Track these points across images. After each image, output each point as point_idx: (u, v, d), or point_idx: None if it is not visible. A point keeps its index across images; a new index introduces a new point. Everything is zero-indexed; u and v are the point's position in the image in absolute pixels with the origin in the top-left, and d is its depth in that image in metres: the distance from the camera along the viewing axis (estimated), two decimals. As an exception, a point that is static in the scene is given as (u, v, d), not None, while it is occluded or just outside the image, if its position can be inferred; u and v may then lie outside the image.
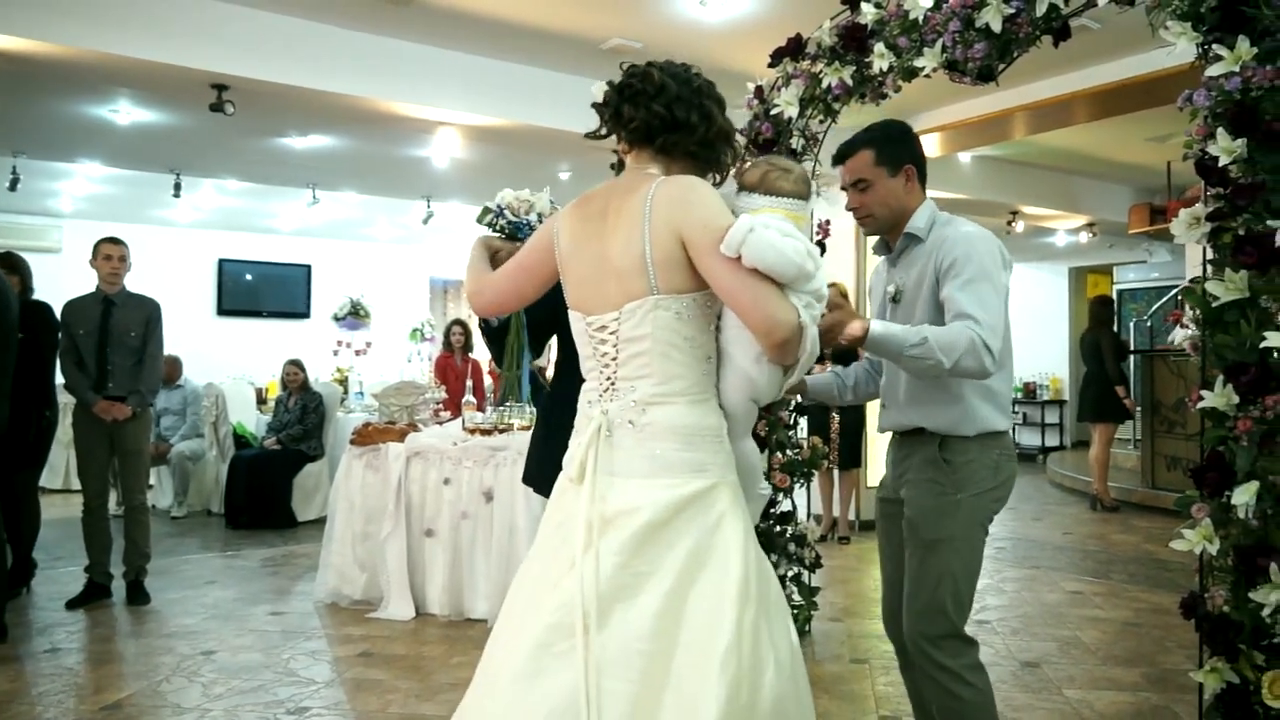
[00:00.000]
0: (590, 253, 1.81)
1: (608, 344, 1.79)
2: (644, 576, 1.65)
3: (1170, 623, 4.43)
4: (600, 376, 1.82)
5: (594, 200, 1.86)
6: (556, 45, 5.90)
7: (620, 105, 1.87)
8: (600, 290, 1.80)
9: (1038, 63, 3.47)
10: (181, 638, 4.45)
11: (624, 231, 1.76)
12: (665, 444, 1.74)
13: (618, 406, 1.77)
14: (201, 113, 5.80)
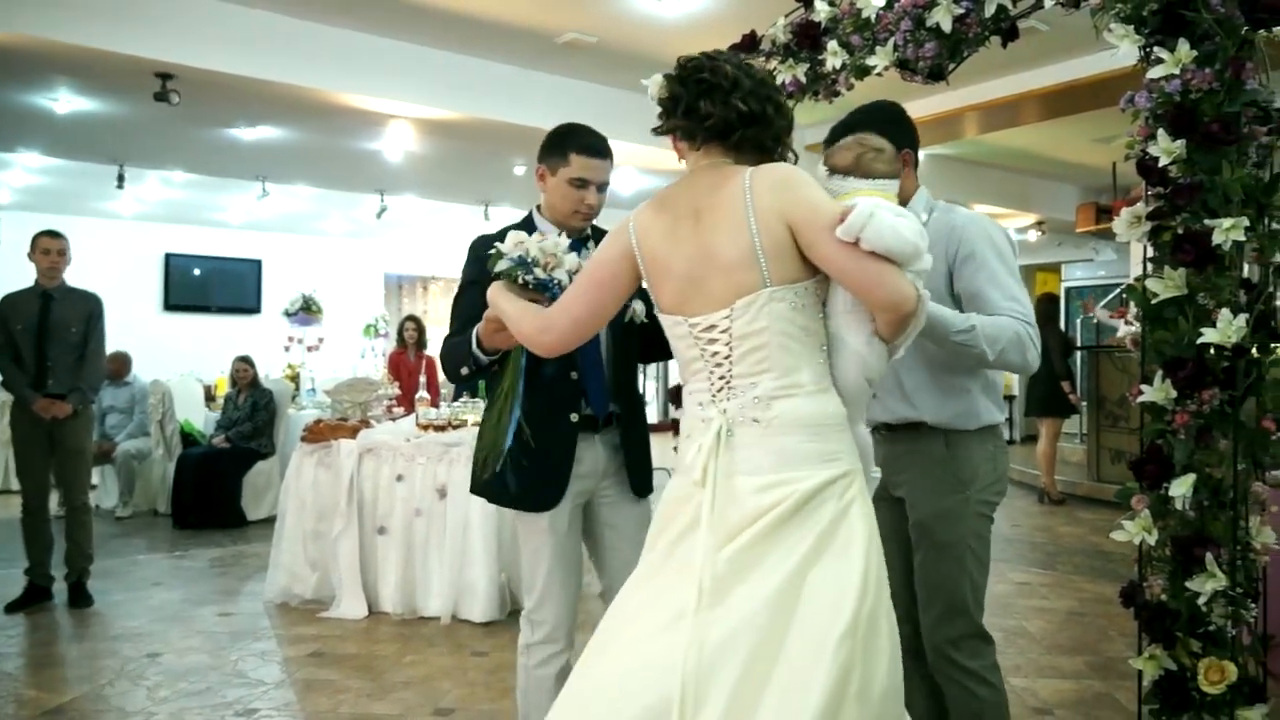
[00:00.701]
0: (689, 252, 1.76)
1: (718, 343, 1.74)
2: (765, 555, 1.64)
3: (1113, 612, 4.54)
4: (712, 377, 1.76)
5: (677, 201, 1.81)
6: (511, 38, 5.87)
7: (696, 101, 1.80)
8: (704, 290, 1.75)
9: (988, 63, 3.53)
10: (126, 640, 4.36)
11: (726, 226, 1.72)
12: (793, 437, 1.70)
13: (737, 405, 1.72)
14: (146, 102, 5.67)
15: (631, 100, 6.92)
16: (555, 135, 2.47)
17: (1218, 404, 2.12)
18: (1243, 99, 2.13)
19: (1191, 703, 2.14)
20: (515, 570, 4.72)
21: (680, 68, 1.84)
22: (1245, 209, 2.14)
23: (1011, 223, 11.06)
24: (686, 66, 1.84)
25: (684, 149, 1.87)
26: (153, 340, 10.60)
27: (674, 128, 1.84)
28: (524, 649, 2.44)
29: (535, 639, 2.41)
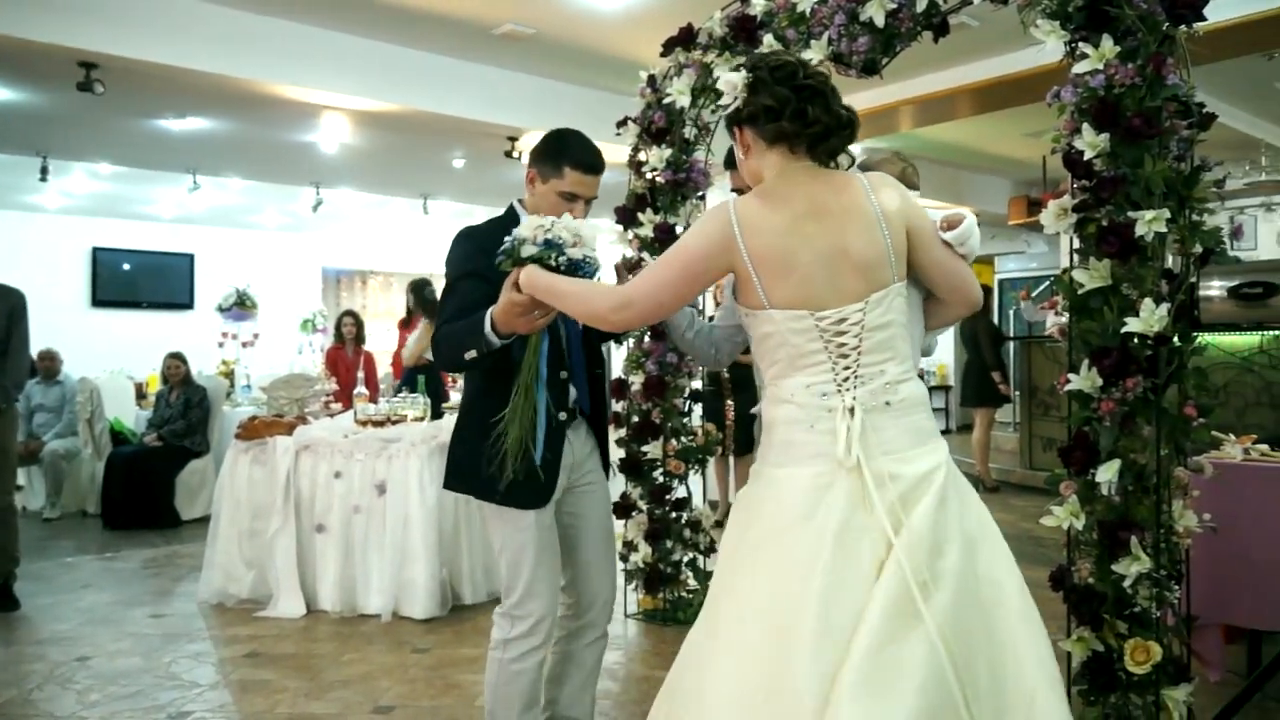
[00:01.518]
0: (820, 248, 1.79)
1: (848, 335, 1.80)
2: (945, 526, 1.72)
3: (1043, 595, 4.60)
4: (836, 367, 1.80)
5: (790, 198, 1.83)
6: (448, 29, 5.80)
7: (804, 105, 1.83)
8: (835, 285, 1.79)
9: (921, 58, 3.58)
10: (54, 644, 4.24)
11: (858, 227, 1.81)
12: (919, 415, 1.84)
13: (867, 391, 1.79)
14: (69, 92, 5.49)
15: (570, 93, 6.90)
16: (552, 144, 2.44)
17: (1141, 391, 2.19)
18: (1164, 94, 2.20)
19: (1118, 682, 2.20)
20: (456, 566, 4.70)
21: (775, 69, 1.85)
22: (1167, 201, 2.20)
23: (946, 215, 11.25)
24: (783, 69, 1.85)
25: (754, 148, 1.90)
26: (80, 337, 10.29)
27: (782, 132, 1.84)
28: (500, 644, 2.42)
29: (515, 634, 2.40)
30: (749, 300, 1.84)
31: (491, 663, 2.46)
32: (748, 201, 1.82)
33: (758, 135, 1.87)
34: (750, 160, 1.91)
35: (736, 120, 1.90)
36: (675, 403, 3.73)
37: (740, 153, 1.94)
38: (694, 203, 3.32)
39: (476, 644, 4.08)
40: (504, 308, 2.11)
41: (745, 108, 1.86)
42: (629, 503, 3.55)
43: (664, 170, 3.28)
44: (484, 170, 8.28)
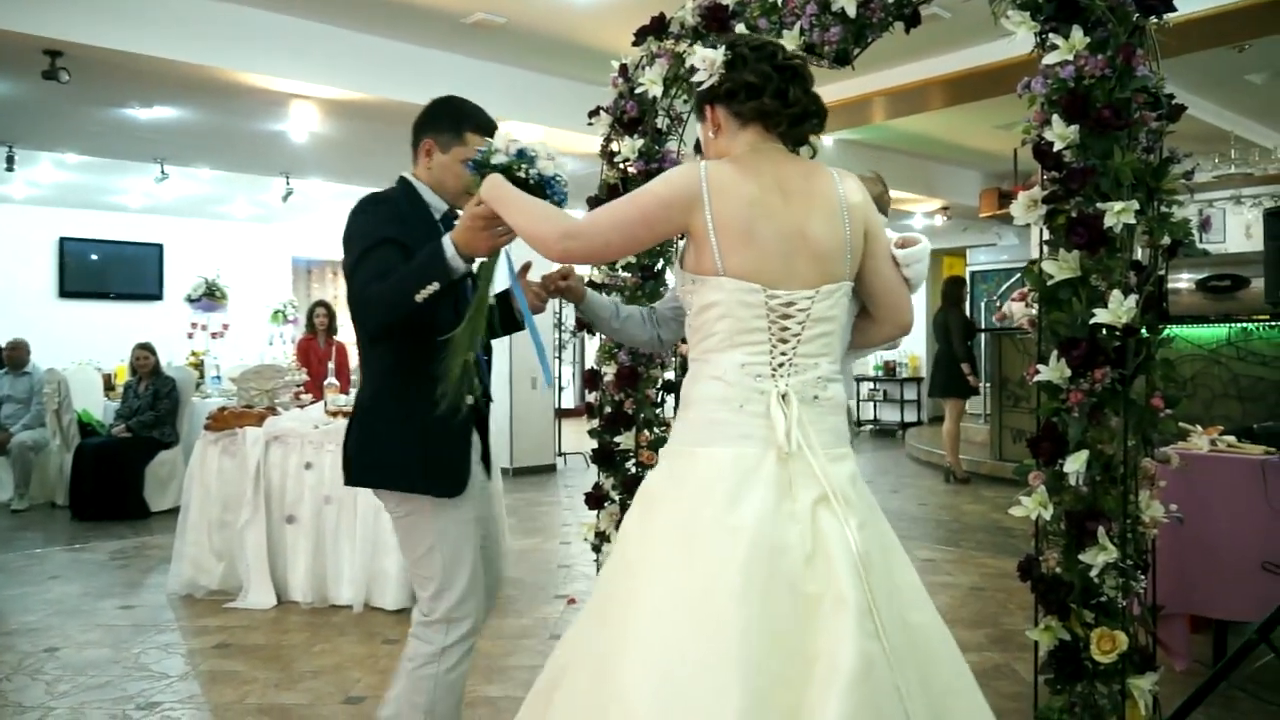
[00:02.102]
0: (779, 227, 1.76)
1: (792, 320, 1.77)
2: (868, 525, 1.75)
3: (1012, 586, 4.70)
4: (774, 351, 1.76)
5: (759, 172, 1.78)
6: (418, 18, 5.75)
7: (786, 86, 1.81)
8: (790, 267, 1.76)
9: (894, 49, 3.59)
10: (22, 635, 4.21)
11: (822, 215, 1.80)
12: (838, 417, 1.84)
13: (800, 381, 1.77)
14: (34, 81, 5.40)
15: (541, 83, 6.86)
16: (447, 111, 2.32)
17: (1109, 382, 2.21)
18: (1133, 85, 2.21)
19: (1085, 672, 2.22)
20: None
21: (755, 48, 1.83)
22: (1136, 193, 2.22)
23: (918, 207, 11.32)
24: (764, 49, 1.84)
25: (726, 127, 1.86)
26: (48, 328, 10.15)
27: (762, 109, 1.81)
28: (437, 655, 2.21)
29: (452, 640, 2.21)
30: (702, 265, 1.77)
31: (422, 680, 2.20)
32: (719, 165, 1.78)
33: (731, 114, 1.84)
34: (720, 139, 1.88)
35: (711, 97, 1.85)
36: (648, 393, 3.72)
37: (708, 132, 1.90)
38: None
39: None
40: (466, 223, 2.02)
41: (724, 84, 1.83)
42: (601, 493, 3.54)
43: (636, 161, 3.27)
44: (457, 160, 8.22)
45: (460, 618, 2.23)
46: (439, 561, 2.22)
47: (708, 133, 1.91)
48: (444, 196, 2.35)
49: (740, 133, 1.85)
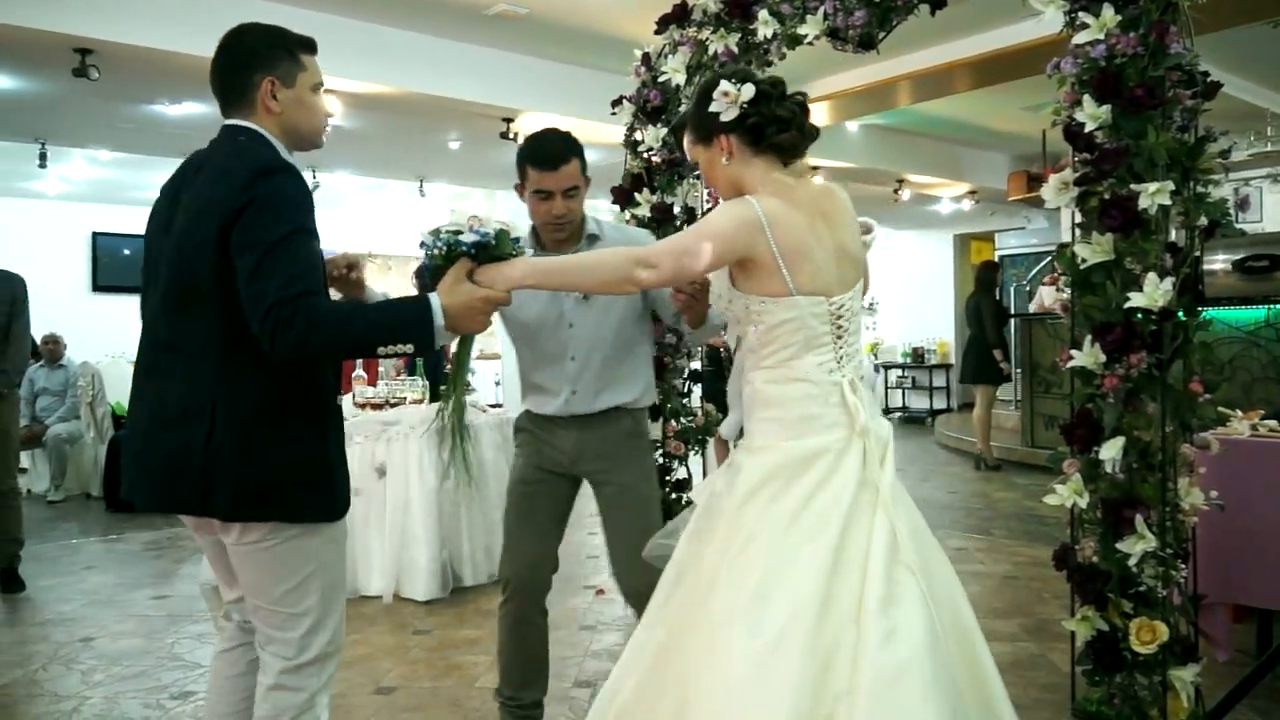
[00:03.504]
0: (828, 244, 2.00)
1: (844, 319, 2.03)
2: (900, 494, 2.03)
3: (1047, 574, 4.64)
4: (837, 347, 2.03)
5: (799, 201, 2.01)
6: (440, 10, 5.74)
7: (805, 119, 2.10)
8: (840, 275, 2.02)
9: (919, 32, 3.53)
10: (58, 625, 4.29)
11: (846, 229, 2.07)
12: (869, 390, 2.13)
13: (852, 368, 2.05)
14: (65, 79, 5.46)
15: (564, 73, 6.84)
16: (269, 38, 2.06)
17: (1146, 367, 2.16)
18: (1167, 63, 2.16)
19: (1124, 663, 2.19)
20: (456, 548, 4.70)
21: (772, 84, 2.06)
22: (1170, 173, 2.17)
23: (944, 192, 11.20)
24: (777, 84, 2.07)
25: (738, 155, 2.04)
26: (82, 322, 10.28)
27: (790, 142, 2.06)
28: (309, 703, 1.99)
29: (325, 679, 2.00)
30: (771, 288, 1.96)
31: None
32: (768, 200, 1.96)
33: (745, 144, 2.02)
34: (731, 166, 2.04)
35: (728, 128, 2.01)
36: (675, 383, 3.71)
37: (719, 158, 2.05)
38: (690, 182, 3.29)
39: (478, 625, 4.08)
40: (477, 307, 1.90)
41: (750, 117, 2.00)
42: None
43: (660, 149, 3.25)
44: (480, 152, 8.22)
45: (333, 651, 2.01)
46: (317, 590, 1.93)
47: (718, 159, 2.05)
48: (297, 142, 2.04)
49: (754, 160, 2.03)
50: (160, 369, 1.90)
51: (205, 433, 1.82)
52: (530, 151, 2.52)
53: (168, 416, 1.86)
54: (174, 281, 1.87)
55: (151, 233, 2.00)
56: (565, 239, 2.58)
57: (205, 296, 1.83)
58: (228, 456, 1.82)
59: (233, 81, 1.98)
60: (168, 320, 1.89)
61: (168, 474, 1.87)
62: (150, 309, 1.95)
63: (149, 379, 1.94)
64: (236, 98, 1.98)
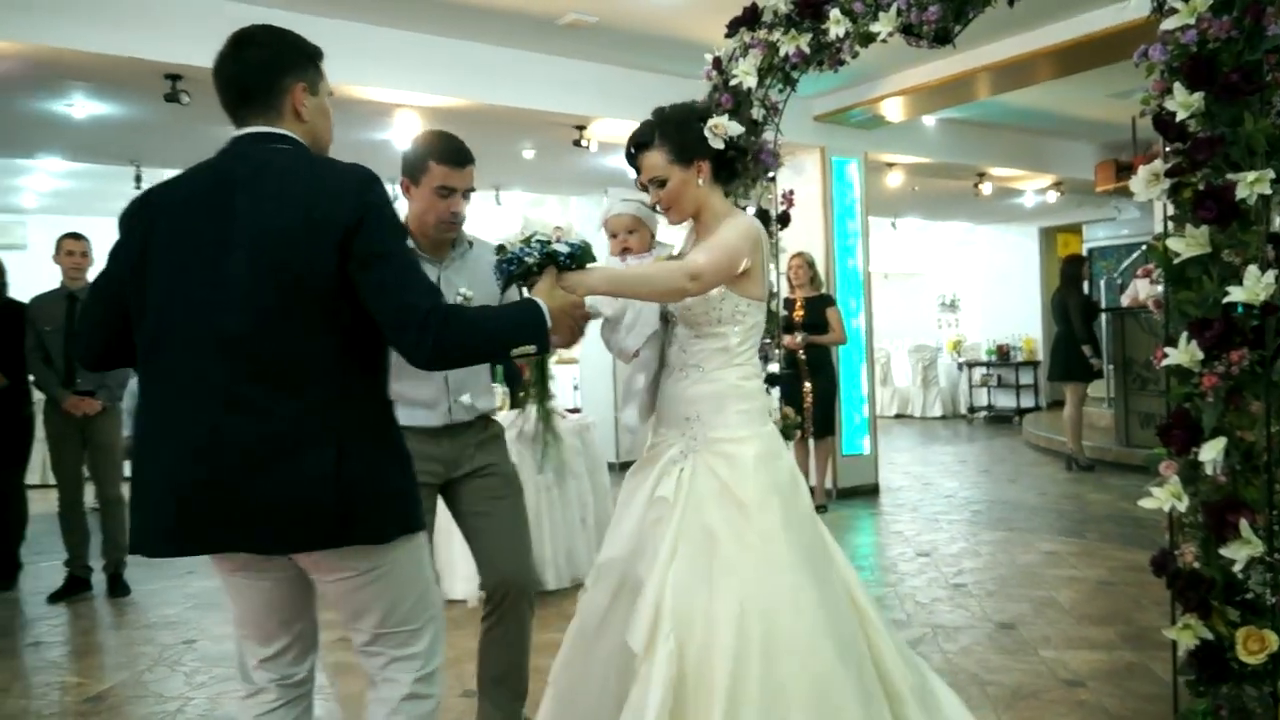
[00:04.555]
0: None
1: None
2: None
3: (1145, 580, 4.47)
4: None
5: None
6: (513, 22, 5.81)
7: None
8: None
9: (998, 22, 3.45)
10: (163, 628, 4.45)
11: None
12: None
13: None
14: (157, 104, 5.68)
15: (635, 79, 6.85)
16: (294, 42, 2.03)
17: (1248, 365, 2.07)
18: (1264, 46, 2.07)
19: (1230, 673, 2.10)
20: (539, 552, 4.73)
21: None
22: (1270, 161, 2.08)
23: (1027, 185, 10.91)
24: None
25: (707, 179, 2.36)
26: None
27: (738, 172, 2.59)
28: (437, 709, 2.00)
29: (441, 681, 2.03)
30: (754, 292, 2.32)
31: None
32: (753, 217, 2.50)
33: (712, 171, 2.35)
34: (703, 188, 2.35)
35: (709, 154, 2.33)
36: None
37: (695, 179, 2.33)
38: (763, 184, 3.26)
39: (560, 628, 4.08)
40: (569, 311, 1.97)
41: (729, 150, 2.35)
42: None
43: (734, 153, 3.24)
44: (554, 160, 8.29)
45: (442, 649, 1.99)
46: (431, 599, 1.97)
47: (693, 180, 2.33)
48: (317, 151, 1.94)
49: (714, 184, 2.39)
50: (245, 402, 1.70)
51: (333, 458, 1.70)
52: (440, 149, 2.63)
53: (268, 451, 1.69)
54: (264, 307, 1.70)
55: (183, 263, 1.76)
56: (449, 240, 2.72)
57: (318, 316, 1.72)
58: (363, 479, 1.73)
59: (261, 83, 1.87)
60: (245, 351, 1.70)
61: (291, 510, 1.70)
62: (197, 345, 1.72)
63: (228, 414, 1.70)
64: (261, 101, 1.86)
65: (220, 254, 1.72)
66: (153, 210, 1.83)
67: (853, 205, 7.77)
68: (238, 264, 1.70)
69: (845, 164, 7.72)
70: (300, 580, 1.91)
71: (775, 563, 2.16)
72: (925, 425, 13.18)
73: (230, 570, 1.88)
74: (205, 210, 1.76)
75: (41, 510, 5.69)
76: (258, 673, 1.97)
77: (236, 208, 1.74)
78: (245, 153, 1.82)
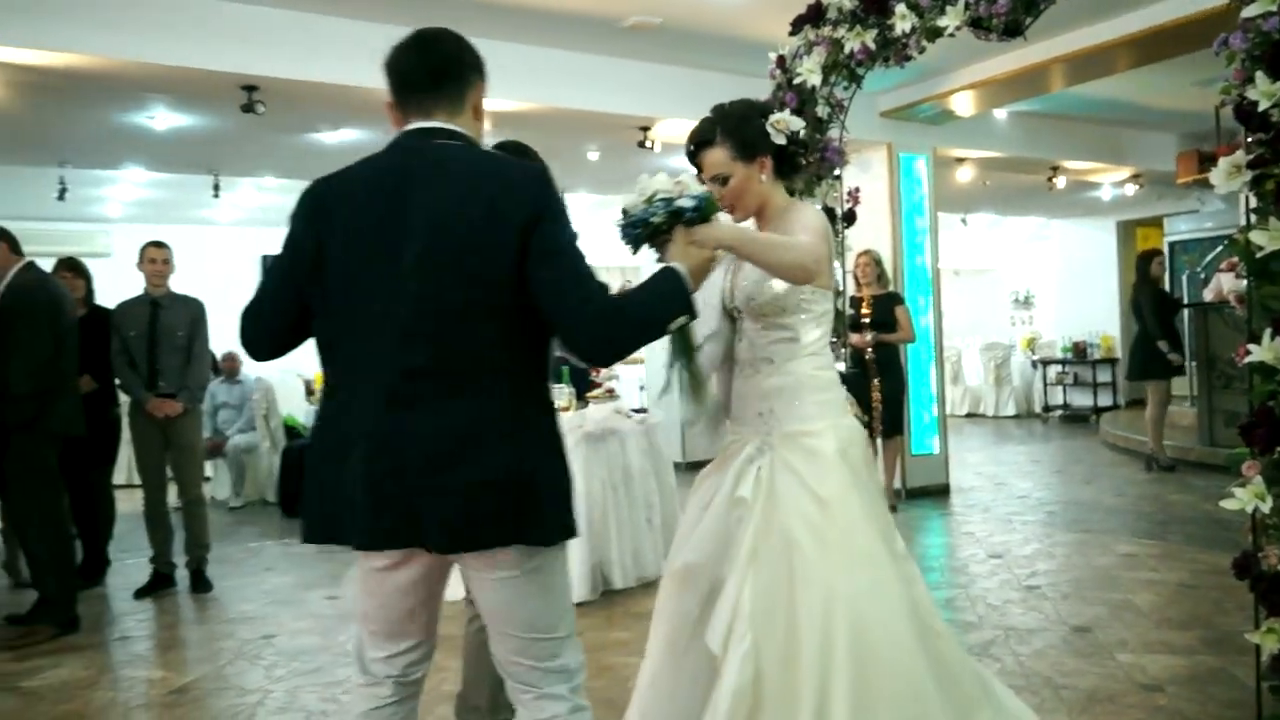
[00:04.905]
0: None
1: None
2: None
3: (1228, 583, 4.28)
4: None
5: None
6: (577, 26, 5.86)
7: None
8: None
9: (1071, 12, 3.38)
10: (242, 623, 4.58)
11: None
12: None
13: None
14: (234, 114, 5.86)
15: (699, 79, 6.84)
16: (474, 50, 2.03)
17: (1332, 361, 2.01)
18: (1350, 33, 2.00)
19: (1314, 677, 2.03)
20: (605, 552, 4.77)
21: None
22: (1356, 151, 2.01)
23: (1104, 178, 10.62)
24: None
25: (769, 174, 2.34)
26: (254, 340, 10.99)
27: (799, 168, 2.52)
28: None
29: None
30: (822, 280, 2.25)
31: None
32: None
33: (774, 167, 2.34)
34: (765, 184, 2.34)
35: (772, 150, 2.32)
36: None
37: (759, 175, 2.32)
38: (829, 182, 3.24)
39: (627, 627, 4.14)
40: (705, 266, 1.92)
41: (789, 145, 2.33)
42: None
43: (799, 151, 3.22)
44: (619, 161, 8.34)
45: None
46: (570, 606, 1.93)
47: (756, 175, 2.31)
48: None
49: (776, 180, 2.38)
50: (417, 399, 1.69)
51: (511, 455, 1.69)
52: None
53: (448, 447, 1.68)
54: (443, 300, 1.69)
55: (360, 256, 1.75)
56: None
57: (497, 311, 1.71)
58: (537, 478, 1.72)
59: (455, 73, 1.89)
60: (425, 345, 1.69)
61: (470, 508, 1.68)
62: (375, 339, 1.72)
63: (408, 410, 1.69)
64: (450, 93, 1.86)
65: (399, 247, 1.70)
66: (327, 203, 1.82)
67: (921, 202, 7.66)
68: (417, 257, 1.69)
69: (913, 160, 7.62)
70: (438, 577, 1.89)
71: (857, 558, 2.14)
72: (998, 424, 12.92)
73: (379, 566, 1.84)
74: (383, 203, 1.75)
75: (127, 509, 5.90)
76: (377, 665, 1.93)
77: (415, 200, 1.73)
78: (419, 147, 1.81)
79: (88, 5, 4.86)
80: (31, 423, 4.34)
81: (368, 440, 1.70)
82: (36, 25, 4.76)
